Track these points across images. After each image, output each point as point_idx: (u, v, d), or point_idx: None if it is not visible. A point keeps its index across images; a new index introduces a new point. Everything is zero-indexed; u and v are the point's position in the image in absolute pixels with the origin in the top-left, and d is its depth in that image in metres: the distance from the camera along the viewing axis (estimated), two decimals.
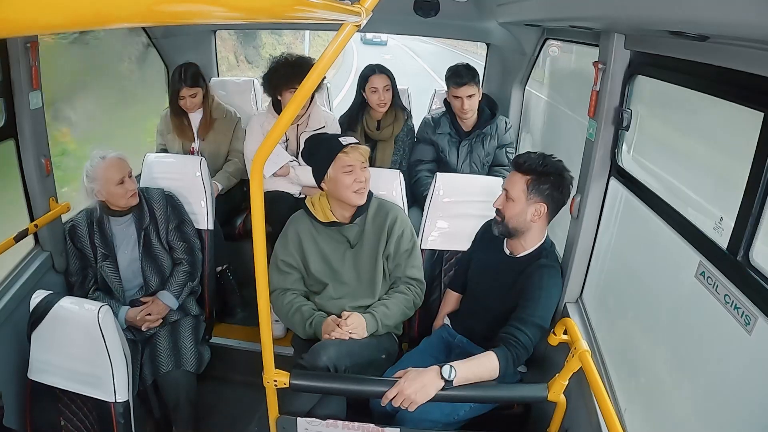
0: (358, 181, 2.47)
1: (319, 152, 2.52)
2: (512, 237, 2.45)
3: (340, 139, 2.49)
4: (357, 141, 2.52)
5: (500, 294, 2.45)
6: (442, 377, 2.00)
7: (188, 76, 3.58)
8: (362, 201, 2.53)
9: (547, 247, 2.47)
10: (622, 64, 2.16)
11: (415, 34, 4.75)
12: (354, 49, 25.70)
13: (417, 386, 1.98)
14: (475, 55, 18.51)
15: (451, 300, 2.81)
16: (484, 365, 2.11)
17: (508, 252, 2.52)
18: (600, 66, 2.22)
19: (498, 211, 2.42)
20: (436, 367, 2.03)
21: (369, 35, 29.59)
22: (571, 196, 2.42)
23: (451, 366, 2.01)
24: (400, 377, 2.02)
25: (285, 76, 3.26)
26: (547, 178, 2.30)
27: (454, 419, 2.37)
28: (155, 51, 4.11)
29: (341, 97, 11.02)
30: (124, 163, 2.68)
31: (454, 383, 2.00)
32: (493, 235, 2.52)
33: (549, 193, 2.32)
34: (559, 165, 2.33)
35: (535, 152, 2.36)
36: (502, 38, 3.92)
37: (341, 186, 2.47)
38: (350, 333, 2.38)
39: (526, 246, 2.45)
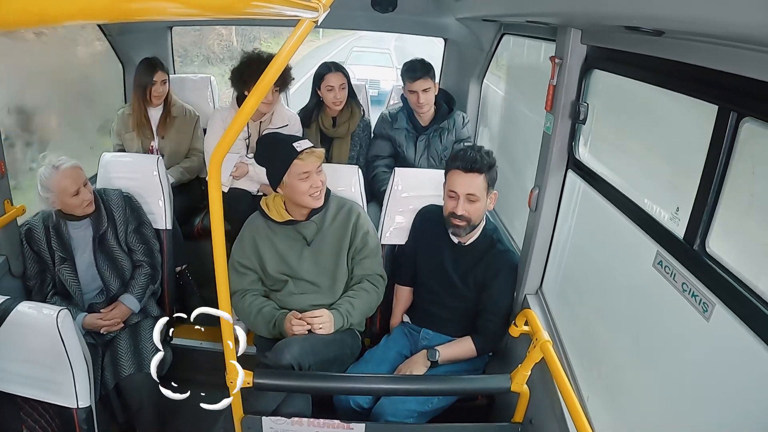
0: (315, 186, 2.46)
1: (274, 158, 2.49)
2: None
3: (294, 144, 2.45)
4: (311, 144, 2.50)
5: (460, 281, 2.58)
6: (429, 359, 2.49)
7: (159, 62, 3.67)
8: (319, 203, 2.53)
9: (490, 228, 2.61)
10: (579, 58, 2.18)
11: (373, 29, 4.76)
12: None
13: (410, 366, 2.52)
14: None
15: (403, 296, 2.84)
16: (464, 347, 2.56)
17: (456, 241, 2.60)
18: (557, 61, 2.25)
19: (462, 216, 2.47)
20: (423, 352, 2.53)
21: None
22: (529, 189, 2.47)
23: (436, 350, 2.51)
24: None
25: (258, 70, 3.21)
26: (494, 167, 2.45)
27: (428, 407, 2.47)
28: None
29: None
30: (80, 173, 2.62)
31: (440, 362, 2.49)
32: (433, 224, 2.65)
33: (495, 179, 2.48)
34: (490, 151, 2.48)
35: (465, 148, 2.49)
36: (460, 33, 3.94)
37: (297, 192, 2.46)
38: (319, 327, 2.40)
39: (473, 233, 2.57)
